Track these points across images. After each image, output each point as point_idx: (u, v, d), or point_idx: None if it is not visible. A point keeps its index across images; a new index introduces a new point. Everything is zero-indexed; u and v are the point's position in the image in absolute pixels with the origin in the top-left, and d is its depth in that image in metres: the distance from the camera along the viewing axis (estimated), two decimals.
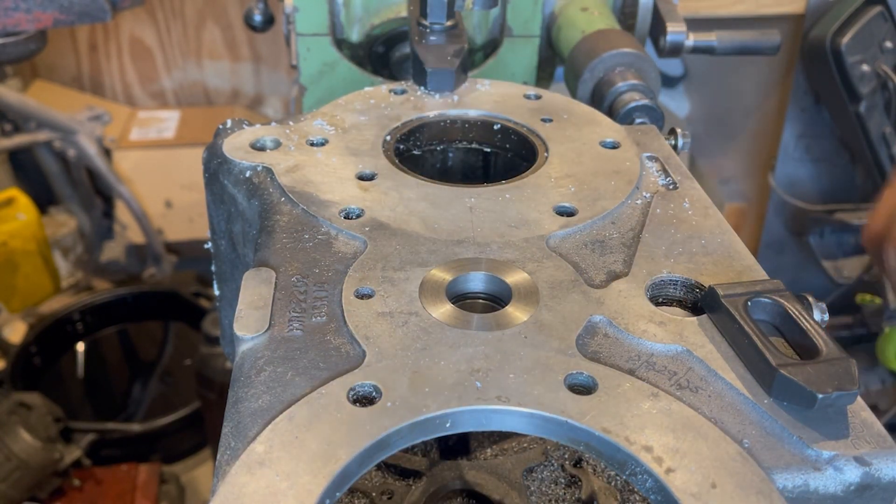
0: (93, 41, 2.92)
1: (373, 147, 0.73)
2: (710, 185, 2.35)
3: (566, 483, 0.64)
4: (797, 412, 0.47)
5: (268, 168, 0.69)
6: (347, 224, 0.63)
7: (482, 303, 0.58)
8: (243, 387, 0.49)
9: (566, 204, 0.66)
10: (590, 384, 0.48)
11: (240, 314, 0.53)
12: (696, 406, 0.48)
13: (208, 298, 2.44)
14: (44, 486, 1.85)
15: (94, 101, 2.86)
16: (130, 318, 2.49)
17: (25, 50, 1.23)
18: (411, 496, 0.63)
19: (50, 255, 2.54)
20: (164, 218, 2.68)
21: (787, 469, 0.45)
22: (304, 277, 0.57)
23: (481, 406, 0.47)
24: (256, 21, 1.26)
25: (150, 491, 1.95)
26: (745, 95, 2.28)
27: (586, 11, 1.07)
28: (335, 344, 0.52)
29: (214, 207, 0.75)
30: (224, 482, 0.42)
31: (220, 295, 0.83)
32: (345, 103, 0.81)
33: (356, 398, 0.47)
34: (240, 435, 0.45)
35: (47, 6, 1.14)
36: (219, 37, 2.97)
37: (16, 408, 1.86)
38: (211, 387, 1.95)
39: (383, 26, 1.07)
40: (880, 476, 0.45)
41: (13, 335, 2.32)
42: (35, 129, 2.44)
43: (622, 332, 0.53)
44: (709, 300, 0.55)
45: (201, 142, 2.59)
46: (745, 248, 0.62)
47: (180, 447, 2.23)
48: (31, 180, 2.59)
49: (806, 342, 0.50)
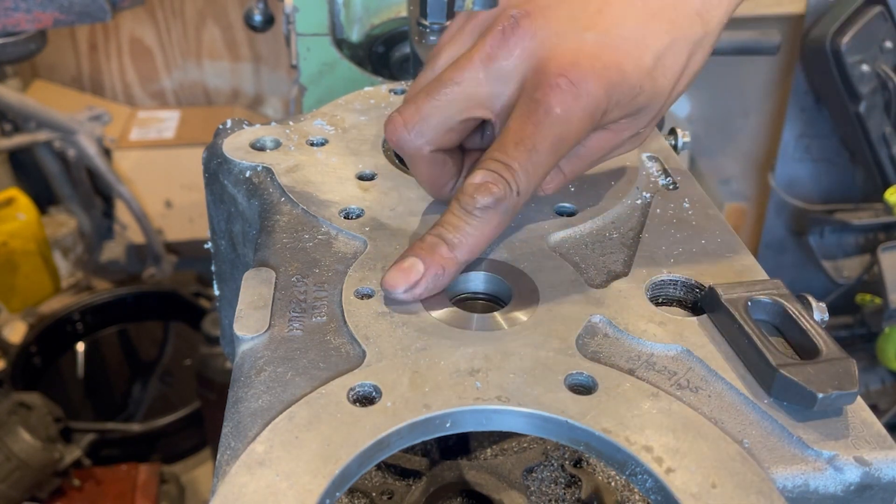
0: (93, 41, 2.92)
1: (373, 147, 0.73)
2: (710, 185, 2.35)
3: (566, 483, 0.64)
4: (797, 412, 0.47)
5: (268, 168, 0.69)
6: (347, 224, 0.63)
7: (482, 303, 0.58)
8: (243, 387, 0.49)
9: (566, 204, 0.66)
10: (590, 384, 0.48)
11: (240, 314, 0.53)
12: (696, 406, 0.48)
13: (208, 298, 2.44)
14: (44, 486, 1.85)
15: (94, 101, 2.86)
16: (130, 318, 2.49)
17: (25, 50, 1.23)
18: (411, 496, 0.63)
19: (50, 255, 2.54)
20: (164, 218, 2.68)
21: (787, 469, 0.45)
22: (304, 277, 0.57)
23: (481, 406, 0.47)
24: (256, 21, 1.26)
25: (150, 491, 1.95)
26: (745, 95, 2.28)
27: None
28: (335, 344, 0.52)
29: (214, 207, 0.75)
30: (224, 482, 0.42)
31: (220, 295, 0.83)
32: (345, 103, 0.81)
33: (356, 398, 0.47)
34: (240, 435, 0.45)
35: (47, 6, 1.14)
36: (219, 37, 2.97)
37: (16, 408, 1.86)
38: (211, 387, 1.95)
39: (383, 26, 1.07)
40: (880, 476, 0.45)
41: (13, 335, 2.32)
42: (35, 129, 2.44)
43: (622, 332, 0.53)
44: (709, 300, 0.55)
45: (201, 142, 2.59)
46: (745, 248, 0.62)
47: (180, 447, 2.23)
48: (31, 180, 2.59)
49: (806, 342, 0.50)
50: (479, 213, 0.55)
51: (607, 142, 0.60)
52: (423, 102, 0.59)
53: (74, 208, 2.65)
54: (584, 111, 0.55)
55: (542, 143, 0.55)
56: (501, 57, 0.56)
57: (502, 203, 0.55)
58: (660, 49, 0.56)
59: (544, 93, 0.54)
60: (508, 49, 0.56)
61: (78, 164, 2.52)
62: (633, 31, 0.56)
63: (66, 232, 2.62)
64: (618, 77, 0.55)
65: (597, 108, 0.55)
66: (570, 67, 0.54)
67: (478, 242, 0.56)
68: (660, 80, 0.57)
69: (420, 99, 0.59)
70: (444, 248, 0.55)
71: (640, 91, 0.56)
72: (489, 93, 0.58)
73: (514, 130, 0.56)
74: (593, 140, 0.60)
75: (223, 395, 0.51)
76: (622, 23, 0.56)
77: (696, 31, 0.58)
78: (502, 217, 0.56)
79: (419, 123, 0.59)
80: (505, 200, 0.55)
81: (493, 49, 0.56)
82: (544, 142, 0.55)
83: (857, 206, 2.21)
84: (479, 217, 0.55)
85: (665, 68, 0.57)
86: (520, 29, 0.56)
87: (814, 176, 2.23)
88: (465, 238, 0.55)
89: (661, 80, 0.57)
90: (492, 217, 0.55)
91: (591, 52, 0.55)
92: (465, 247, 0.55)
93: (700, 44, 0.58)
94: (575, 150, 0.59)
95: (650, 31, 0.56)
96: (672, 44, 0.57)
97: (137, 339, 2.54)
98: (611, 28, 0.56)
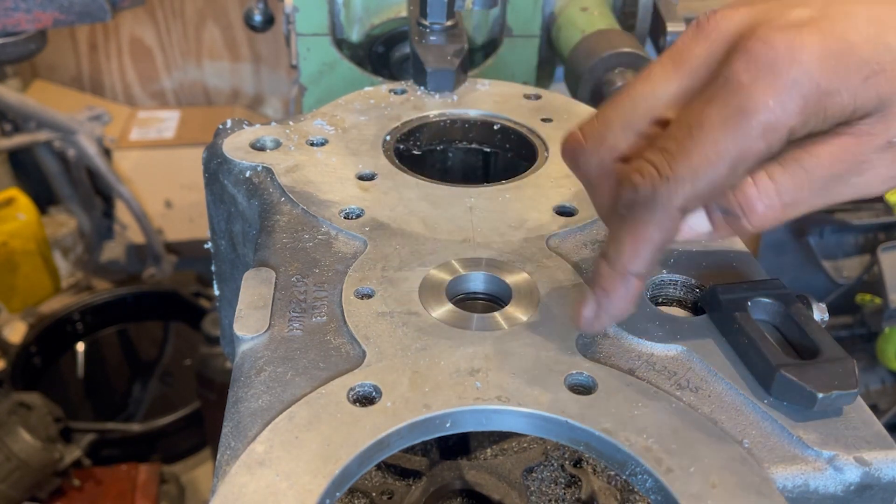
0: (93, 41, 2.92)
1: (373, 147, 0.73)
2: None
3: (566, 483, 0.64)
4: (797, 412, 0.47)
5: (268, 168, 0.69)
6: (347, 224, 0.63)
7: (482, 303, 0.58)
8: (243, 387, 0.49)
9: (566, 204, 0.66)
10: (590, 384, 0.48)
11: (240, 314, 0.53)
12: (696, 406, 0.48)
13: (208, 298, 2.44)
14: (44, 486, 1.85)
15: (94, 101, 2.86)
16: (130, 318, 2.49)
17: (25, 50, 1.23)
18: (411, 496, 0.63)
19: (50, 255, 2.54)
20: (164, 218, 2.68)
21: (787, 469, 0.45)
22: (304, 277, 0.57)
23: (481, 406, 0.47)
24: (256, 21, 1.26)
25: (150, 491, 1.95)
26: None
27: (586, 11, 1.07)
28: (335, 344, 0.52)
29: (214, 207, 0.75)
30: (224, 482, 0.42)
31: (220, 295, 0.83)
32: (345, 103, 0.81)
33: (356, 398, 0.47)
34: (240, 435, 0.45)
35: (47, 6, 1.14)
36: (219, 37, 2.97)
37: (16, 408, 1.86)
38: (211, 387, 1.95)
39: (383, 26, 1.07)
40: (880, 476, 0.45)
41: (13, 335, 2.32)
42: (35, 129, 2.44)
43: (622, 332, 0.53)
44: (709, 300, 0.54)
45: (201, 142, 2.59)
46: (745, 248, 0.62)
47: (180, 447, 2.23)
48: (31, 180, 2.59)
49: (806, 342, 0.50)
50: (625, 211, 0.46)
51: (845, 151, 0.44)
52: (606, 108, 0.49)
53: (74, 208, 2.65)
54: (786, 82, 0.41)
55: (713, 117, 0.43)
56: (694, 46, 0.46)
57: (651, 195, 0.44)
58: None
59: (729, 64, 0.43)
60: (703, 36, 0.45)
61: (78, 164, 2.52)
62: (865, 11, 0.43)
63: (66, 232, 2.62)
64: (838, 45, 0.42)
65: (808, 81, 0.41)
66: (768, 33, 0.42)
67: (636, 248, 0.46)
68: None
69: (603, 109, 0.50)
70: (604, 266, 0.48)
71: (877, 69, 0.42)
72: (678, 88, 0.46)
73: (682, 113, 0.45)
74: (823, 146, 0.45)
75: (223, 395, 0.51)
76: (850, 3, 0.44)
77: None
78: (656, 214, 0.45)
79: (601, 129, 0.49)
80: (654, 190, 0.44)
81: (685, 41, 0.46)
82: (716, 115, 0.42)
83: (857, 206, 2.21)
84: (627, 217, 0.46)
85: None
86: (716, 15, 0.46)
87: None
88: (620, 247, 0.47)
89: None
90: (642, 213, 0.45)
91: (800, 21, 0.42)
92: (623, 257, 0.47)
93: None
94: (795, 158, 0.45)
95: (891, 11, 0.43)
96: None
97: (137, 339, 2.54)
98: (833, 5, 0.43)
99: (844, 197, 0.47)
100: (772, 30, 0.42)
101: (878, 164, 0.45)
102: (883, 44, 0.42)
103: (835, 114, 0.43)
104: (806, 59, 0.41)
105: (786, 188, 0.45)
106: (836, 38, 0.42)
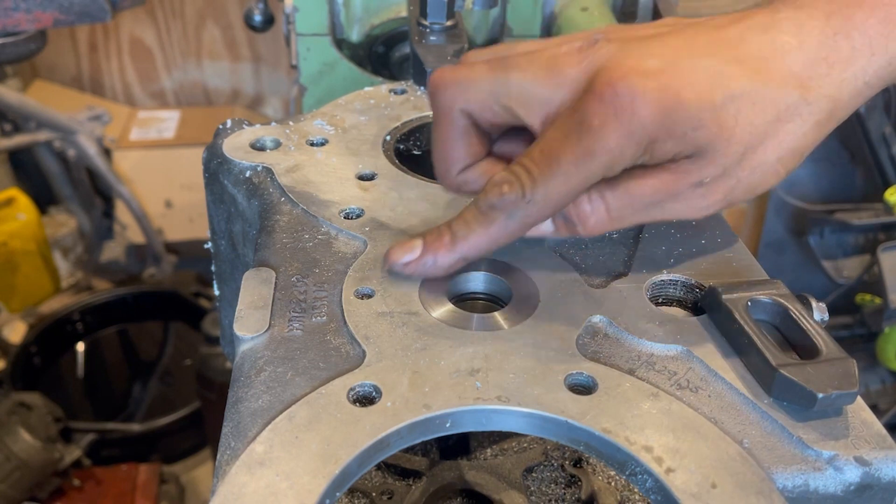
0: (93, 41, 2.92)
1: (373, 147, 0.73)
2: None
3: (566, 483, 0.64)
4: (797, 412, 0.47)
5: (268, 168, 0.69)
6: (347, 224, 0.63)
7: (482, 303, 0.58)
8: (243, 387, 0.49)
9: None
10: (590, 384, 0.48)
11: (240, 314, 0.53)
12: (696, 406, 0.48)
13: (208, 298, 2.44)
14: (44, 486, 1.85)
15: (94, 101, 2.86)
16: (130, 318, 2.50)
17: (25, 50, 1.23)
18: (411, 496, 0.63)
19: (50, 255, 2.54)
20: (164, 218, 2.68)
21: (787, 469, 0.45)
22: (304, 277, 0.57)
23: (481, 406, 0.47)
24: (256, 21, 1.26)
25: (150, 491, 1.95)
26: None
27: (586, 11, 1.07)
28: (335, 344, 0.52)
29: (214, 207, 0.75)
30: (224, 482, 0.42)
31: (220, 295, 0.83)
32: (345, 103, 0.81)
33: (356, 398, 0.47)
34: (240, 435, 0.45)
35: (47, 6, 1.14)
36: (219, 37, 2.97)
37: (16, 408, 1.86)
38: (211, 387, 1.95)
39: (383, 26, 1.07)
40: (880, 476, 0.45)
41: (13, 335, 2.32)
42: (35, 129, 2.44)
43: (622, 332, 0.53)
44: (709, 300, 0.55)
45: (201, 142, 2.59)
46: (745, 248, 0.62)
47: (180, 447, 2.23)
48: (31, 180, 2.59)
49: (806, 342, 0.50)
50: (486, 210, 0.54)
51: (664, 184, 0.53)
52: (479, 67, 0.56)
53: (74, 208, 2.65)
54: (625, 130, 0.50)
55: (567, 154, 0.51)
56: (567, 64, 0.53)
57: (511, 207, 0.53)
58: (736, 92, 0.50)
59: (584, 102, 0.51)
60: (577, 59, 0.53)
61: (78, 164, 2.52)
62: (708, 66, 0.50)
63: (66, 232, 2.62)
64: (672, 102, 0.49)
65: (641, 131, 0.50)
66: (618, 80, 0.50)
67: (480, 241, 0.55)
68: (729, 122, 0.50)
69: (478, 64, 0.56)
70: (446, 237, 0.55)
71: (699, 124, 0.50)
72: (542, 95, 0.54)
73: (545, 139, 0.53)
74: (647, 177, 0.53)
75: (223, 395, 0.51)
76: (698, 57, 0.51)
77: (789, 93, 0.51)
78: (510, 222, 0.54)
79: (464, 82, 0.56)
80: (515, 205, 0.53)
81: (565, 56, 0.53)
82: (571, 153, 0.51)
83: (857, 206, 2.21)
84: (485, 215, 0.54)
85: (740, 115, 0.50)
86: (595, 46, 0.53)
87: (814, 176, 2.23)
88: (469, 233, 0.55)
89: (730, 124, 0.50)
90: (498, 218, 0.54)
91: (647, 71, 0.50)
92: (466, 242, 0.55)
93: (795, 110, 0.51)
94: (624, 184, 0.54)
95: (729, 72, 0.50)
96: (754, 94, 0.50)
97: (137, 339, 2.55)
98: (682, 58, 0.51)
99: (662, 218, 0.56)
100: (623, 76, 0.50)
101: (690, 197, 0.54)
102: (709, 101, 0.50)
103: (660, 155, 0.52)
104: (644, 113, 0.49)
105: (614, 207, 0.54)
106: (671, 95, 0.49)
